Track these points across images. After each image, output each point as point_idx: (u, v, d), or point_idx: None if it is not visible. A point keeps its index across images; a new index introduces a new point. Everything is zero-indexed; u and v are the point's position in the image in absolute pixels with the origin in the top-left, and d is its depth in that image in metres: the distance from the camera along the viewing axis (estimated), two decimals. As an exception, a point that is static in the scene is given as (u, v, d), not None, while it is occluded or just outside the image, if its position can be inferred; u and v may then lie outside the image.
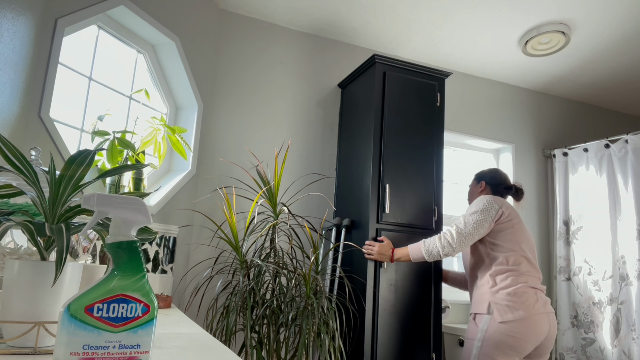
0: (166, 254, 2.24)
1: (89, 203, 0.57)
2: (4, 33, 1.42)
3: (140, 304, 0.55)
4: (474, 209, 2.03)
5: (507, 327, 1.84)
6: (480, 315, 1.93)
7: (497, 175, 2.31)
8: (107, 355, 0.53)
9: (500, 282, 1.95)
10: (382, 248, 2.15)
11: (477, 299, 1.99)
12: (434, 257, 2.02)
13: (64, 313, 0.52)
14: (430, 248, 2.01)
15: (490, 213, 2.02)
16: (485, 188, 2.29)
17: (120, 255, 0.57)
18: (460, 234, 1.97)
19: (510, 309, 1.87)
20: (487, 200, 2.06)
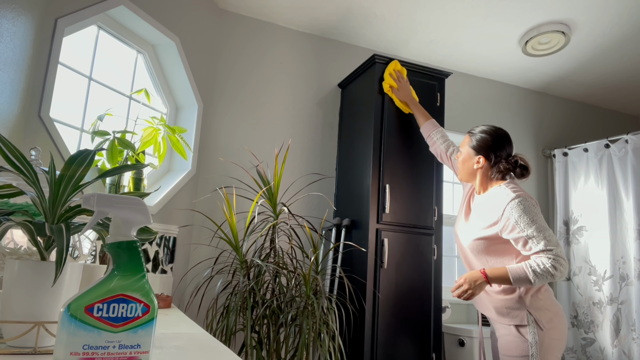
0: (166, 254, 2.24)
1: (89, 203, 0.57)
2: (4, 33, 1.42)
3: (140, 304, 0.55)
4: (532, 215, 1.54)
5: (554, 332, 1.58)
6: (525, 327, 1.59)
7: (503, 143, 1.71)
8: (107, 355, 0.53)
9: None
10: (471, 277, 1.61)
11: (510, 308, 1.61)
12: (540, 282, 1.53)
13: (64, 313, 0.52)
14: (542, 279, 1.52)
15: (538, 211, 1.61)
16: (483, 167, 1.72)
17: (120, 255, 0.57)
18: (556, 259, 1.51)
19: (549, 311, 1.60)
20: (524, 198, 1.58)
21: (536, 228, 1.53)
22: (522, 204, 1.55)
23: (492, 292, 1.68)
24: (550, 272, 1.50)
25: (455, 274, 3.28)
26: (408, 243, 2.43)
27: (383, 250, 2.36)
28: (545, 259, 1.51)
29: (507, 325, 1.63)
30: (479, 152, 1.72)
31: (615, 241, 2.99)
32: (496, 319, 1.68)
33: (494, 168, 1.70)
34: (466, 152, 1.76)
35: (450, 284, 3.24)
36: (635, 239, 2.85)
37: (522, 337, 1.58)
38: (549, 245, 1.51)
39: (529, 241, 1.53)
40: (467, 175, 1.78)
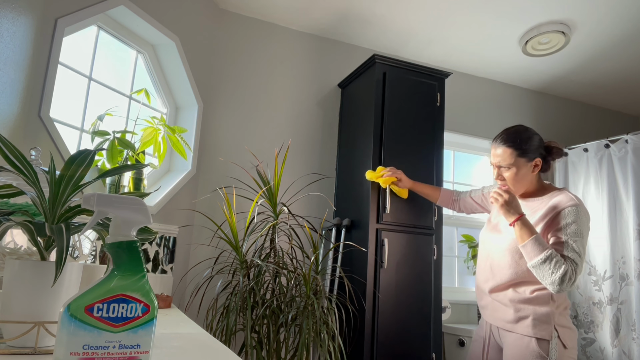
0: (166, 254, 2.24)
1: (89, 203, 0.57)
2: (4, 33, 1.42)
3: (140, 304, 0.55)
4: (582, 230, 1.46)
5: (572, 352, 1.49)
6: (546, 342, 1.46)
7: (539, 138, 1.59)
8: (107, 355, 0.53)
9: (558, 297, 1.53)
10: (514, 201, 1.49)
11: (535, 318, 1.49)
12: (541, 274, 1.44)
13: (64, 313, 0.52)
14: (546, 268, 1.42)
15: (589, 227, 1.52)
16: (540, 166, 1.58)
17: (120, 255, 0.57)
18: (573, 272, 1.42)
19: (572, 331, 1.52)
20: (586, 212, 1.51)
21: (579, 242, 1.44)
22: (581, 213, 1.47)
23: (521, 300, 1.53)
24: (559, 272, 1.39)
25: (455, 274, 3.28)
26: (408, 243, 2.43)
27: (383, 250, 2.36)
28: (569, 263, 1.41)
29: (526, 337, 1.49)
30: (533, 155, 1.55)
31: (615, 241, 2.99)
32: (511, 328, 1.54)
33: (545, 164, 1.58)
34: (519, 165, 1.55)
35: (450, 284, 3.24)
36: (635, 239, 2.85)
37: (539, 352, 1.46)
38: (578, 261, 1.43)
39: (564, 245, 1.44)
40: (523, 187, 1.59)
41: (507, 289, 1.56)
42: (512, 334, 1.54)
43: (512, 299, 1.54)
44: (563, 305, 1.53)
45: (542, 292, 1.50)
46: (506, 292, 1.56)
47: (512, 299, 1.54)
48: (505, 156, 1.55)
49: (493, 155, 1.59)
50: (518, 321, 1.52)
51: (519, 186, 1.57)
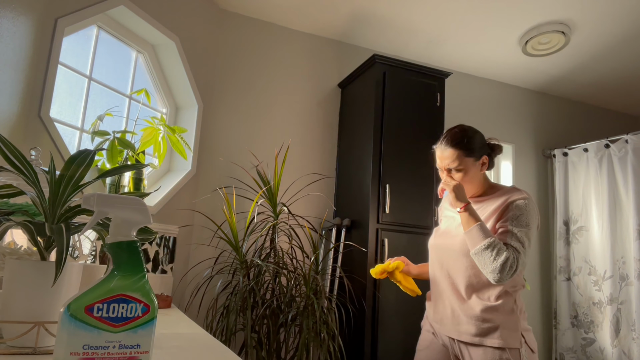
0: (166, 254, 2.24)
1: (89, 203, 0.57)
2: (4, 33, 1.42)
3: (140, 304, 0.55)
4: (529, 222, 1.44)
5: (536, 355, 1.46)
6: (516, 351, 1.40)
7: (482, 135, 1.60)
8: (107, 355, 0.53)
9: (519, 302, 1.49)
10: (462, 188, 1.49)
11: (505, 328, 1.42)
12: (482, 262, 1.39)
13: (64, 313, 0.52)
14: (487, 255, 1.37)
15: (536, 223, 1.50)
16: (487, 164, 1.58)
17: (120, 255, 0.57)
18: (515, 260, 1.37)
19: (531, 332, 1.48)
20: (534, 207, 1.48)
21: (524, 232, 1.41)
22: (530, 207, 1.45)
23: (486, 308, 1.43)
24: (500, 260, 1.35)
25: (455, 274, 3.28)
26: (408, 243, 2.43)
27: (383, 250, 2.36)
28: (512, 252, 1.37)
29: (497, 349, 1.40)
30: (480, 154, 1.55)
31: (615, 241, 2.99)
32: (480, 342, 1.42)
33: (490, 161, 1.58)
34: (467, 165, 1.53)
35: (450, 284, 3.24)
36: (635, 239, 2.85)
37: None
38: (521, 250, 1.39)
39: (509, 234, 1.41)
40: (474, 188, 1.57)
41: (470, 296, 1.46)
42: (479, 347, 1.42)
43: (477, 309, 1.44)
44: (523, 309, 1.49)
45: (506, 299, 1.44)
46: (470, 301, 1.46)
47: (477, 308, 1.44)
48: (453, 157, 1.52)
49: (440, 159, 1.56)
50: (487, 334, 1.42)
51: (470, 187, 1.55)
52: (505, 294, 1.44)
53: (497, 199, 1.51)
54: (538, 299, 3.33)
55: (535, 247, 3.40)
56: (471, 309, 1.45)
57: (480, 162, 1.54)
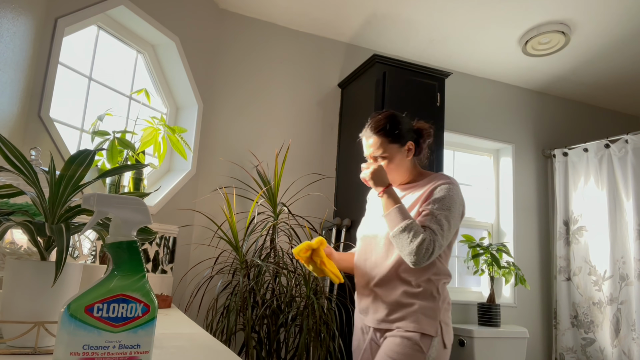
0: (166, 254, 2.24)
1: (89, 203, 0.57)
2: (4, 33, 1.42)
3: (140, 304, 0.55)
4: (451, 205, 1.42)
5: (448, 353, 1.41)
6: (428, 338, 1.36)
7: (408, 121, 1.56)
8: (107, 355, 0.53)
9: (443, 291, 1.45)
10: (382, 171, 1.45)
11: (421, 313, 1.38)
12: (400, 245, 1.36)
13: (64, 313, 0.52)
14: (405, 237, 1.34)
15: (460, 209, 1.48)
16: (413, 150, 1.53)
17: (120, 255, 0.57)
18: (431, 243, 1.35)
19: (451, 329, 1.44)
20: (459, 193, 1.47)
21: (443, 215, 1.38)
22: (454, 191, 1.43)
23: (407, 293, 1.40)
24: (417, 242, 1.32)
25: (455, 274, 3.28)
26: (408, 243, 2.43)
27: (383, 250, 2.36)
28: (429, 233, 1.34)
29: (409, 332, 1.36)
30: (405, 140, 1.50)
31: (615, 241, 2.99)
32: (396, 326, 1.39)
33: (418, 147, 1.54)
34: (392, 152, 1.49)
35: (450, 284, 3.23)
36: (635, 239, 2.85)
37: (419, 348, 1.34)
38: (439, 233, 1.36)
39: (429, 216, 1.38)
40: (402, 175, 1.53)
41: (392, 283, 1.42)
42: (394, 331, 1.40)
43: (397, 294, 1.41)
44: (447, 300, 1.45)
45: (427, 286, 1.41)
46: (391, 287, 1.42)
47: (397, 293, 1.41)
48: (377, 145, 1.49)
49: (366, 147, 1.52)
50: (403, 318, 1.39)
51: (396, 174, 1.51)
52: (427, 281, 1.41)
53: (424, 185, 1.48)
54: (538, 299, 3.33)
55: (535, 247, 3.40)
56: (391, 295, 1.42)
57: (405, 148, 1.50)
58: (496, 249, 2.97)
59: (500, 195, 3.46)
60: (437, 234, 1.35)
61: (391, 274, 1.43)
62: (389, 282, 1.43)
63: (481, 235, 3.38)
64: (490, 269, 2.98)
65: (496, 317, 2.90)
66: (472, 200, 3.45)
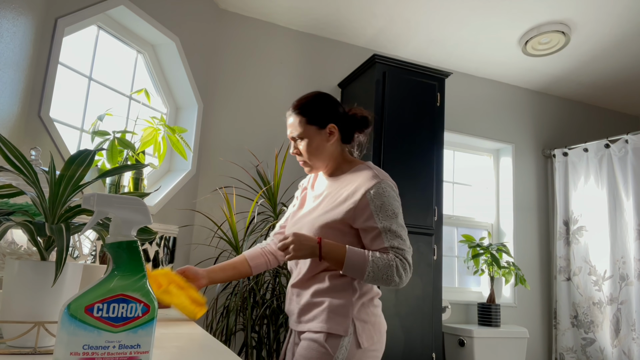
0: (166, 254, 2.24)
1: (89, 203, 0.57)
2: (4, 33, 1.42)
3: (140, 304, 0.55)
4: (394, 208, 1.29)
5: (370, 354, 1.27)
6: (337, 338, 1.22)
7: (333, 99, 1.44)
8: (107, 355, 0.53)
9: (362, 287, 1.31)
10: (302, 236, 1.23)
11: (330, 312, 1.25)
12: (380, 284, 1.24)
13: (64, 313, 0.52)
14: (379, 275, 1.21)
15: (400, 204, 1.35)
16: (336, 134, 1.38)
17: (120, 255, 0.57)
18: (404, 263, 1.24)
19: (375, 329, 1.29)
20: (391, 186, 1.33)
21: (396, 223, 1.26)
22: (387, 189, 1.29)
23: (318, 291, 1.29)
24: (392, 273, 1.20)
25: (455, 274, 3.28)
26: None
27: (383, 250, 2.36)
28: (392, 257, 1.22)
29: (317, 332, 1.24)
30: (326, 122, 1.37)
31: (615, 241, 2.99)
32: (307, 327, 1.27)
33: (345, 133, 1.40)
34: (310, 133, 1.36)
35: (450, 284, 3.24)
36: (635, 239, 2.85)
37: (324, 350, 1.21)
38: (402, 245, 1.24)
39: (382, 235, 1.24)
40: (322, 160, 1.38)
41: (309, 282, 1.31)
42: (305, 334, 1.28)
43: (310, 293, 1.30)
44: (368, 295, 1.31)
45: (341, 280, 1.27)
46: (308, 287, 1.31)
47: (310, 292, 1.30)
48: (296, 125, 1.38)
49: (287, 127, 1.42)
50: (313, 318, 1.27)
51: (315, 159, 1.36)
52: (341, 275, 1.28)
53: (350, 182, 1.33)
54: (538, 299, 3.33)
55: (535, 247, 3.40)
56: (306, 294, 1.30)
57: (326, 131, 1.36)
58: (496, 249, 2.97)
59: (500, 195, 3.46)
60: (402, 247, 1.25)
61: (310, 273, 1.31)
62: (307, 282, 1.32)
63: (481, 235, 3.38)
64: (490, 269, 2.98)
65: (496, 317, 2.90)
66: (472, 200, 3.45)
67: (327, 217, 1.28)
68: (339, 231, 1.27)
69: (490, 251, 2.95)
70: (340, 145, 1.40)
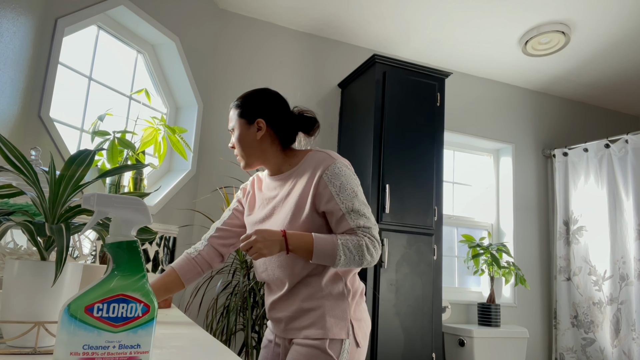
0: (166, 254, 2.24)
1: (89, 203, 0.57)
2: (4, 33, 1.42)
3: (140, 304, 0.55)
4: (354, 186, 1.25)
5: (362, 351, 1.26)
6: (338, 342, 1.21)
7: (272, 96, 1.39)
8: (107, 355, 0.53)
9: (353, 283, 1.29)
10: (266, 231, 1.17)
11: (330, 316, 1.22)
12: (352, 267, 1.21)
13: (64, 313, 0.52)
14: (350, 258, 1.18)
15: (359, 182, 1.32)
16: (267, 132, 1.33)
17: (120, 255, 0.57)
18: (372, 240, 1.22)
19: (366, 324, 1.29)
20: (345, 165, 1.29)
21: (357, 202, 1.23)
22: (342, 168, 1.26)
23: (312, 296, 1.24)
24: (363, 253, 1.18)
25: (455, 274, 3.28)
26: (408, 243, 2.43)
27: (383, 250, 2.36)
28: (361, 236, 1.20)
29: (317, 340, 1.20)
30: (255, 116, 1.32)
31: (615, 241, 2.99)
32: (304, 335, 1.22)
33: (280, 130, 1.34)
34: (238, 126, 1.32)
35: (450, 284, 3.24)
36: (635, 239, 2.85)
37: (328, 356, 1.18)
38: (367, 223, 1.22)
39: (346, 215, 1.21)
40: (253, 156, 1.33)
41: (294, 286, 1.27)
42: (301, 340, 1.23)
43: (301, 299, 1.25)
44: (359, 292, 1.30)
45: (334, 283, 1.25)
46: (294, 292, 1.27)
47: (301, 298, 1.25)
48: (231, 117, 1.36)
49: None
50: (311, 325, 1.23)
51: (245, 153, 1.32)
52: (333, 277, 1.25)
53: (304, 171, 1.29)
54: (538, 299, 3.33)
55: (535, 247, 3.40)
56: (295, 300, 1.26)
57: (254, 126, 1.31)
58: (496, 249, 2.97)
59: (500, 195, 3.46)
60: (368, 225, 1.22)
61: (290, 277, 1.26)
62: (290, 286, 1.27)
63: (481, 235, 3.38)
64: (490, 269, 2.98)
65: (496, 317, 2.90)
66: (472, 200, 3.46)
67: (296, 212, 1.25)
68: (309, 222, 1.24)
69: (490, 251, 2.95)
70: (278, 144, 1.34)
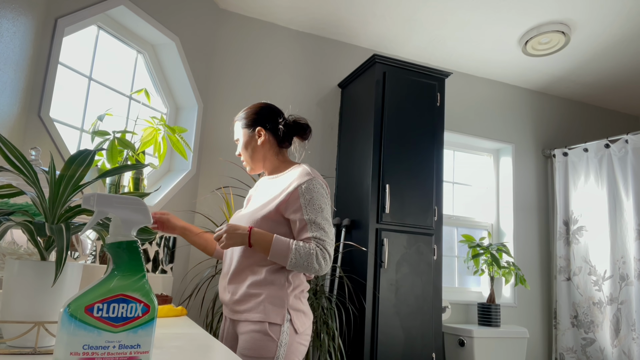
0: (166, 254, 2.24)
1: (89, 203, 0.57)
2: (4, 33, 1.42)
3: (140, 304, 0.55)
4: (322, 203, 1.43)
5: (304, 338, 1.45)
6: (277, 326, 1.39)
7: (269, 108, 1.59)
8: (107, 355, 0.53)
9: (294, 279, 1.46)
10: (234, 225, 1.41)
11: (269, 302, 1.40)
12: (301, 270, 1.40)
13: (64, 313, 0.52)
14: (300, 262, 1.37)
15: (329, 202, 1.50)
16: (266, 138, 1.55)
17: (120, 255, 0.57)
18: (323, 251, 1.40)
19: (306, 316, 1.47)
20: (321, 184, 1.47)
21: (321, 217, 1.41)
22: (316, 186, 1.43)
23: (255, 283, 1.42)
24: (312, 260, 1.36)
25: (455, 274, 3.28)
26: (408, 243, 2.43)
27: (383, 250, 2.36)
28: (314, 246, 1.38)
29: (259, 322, 1.39)
30: (254, 125, 1.55)
31: (615, 241, 2.99)
32: (247, 317, 1.41)
33: (277, 137, 1.55)
34: (243, 136, 1.56)
35: (450, 284, 3.24)
36: (635, 239, 2.85)
37: (269, 337, 1.38)
38: (324, 236, 1.40)
39: (308, 225, 1.40)
40: (257, 162, 1.57)
41: (243, 274, 1.45)
42: (246, 322, 1.42)
43: (247, 285, 1.43)
44: (300, 288, 1.47)
45: (277, 274, 1.42)
46: (242, 279, 1.45)
47: (247, 284, 1.43)
48: (236, 129, 1.60)
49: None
50: (252, 309, 1.41)
51: (250, 158, 1.56)
52: (277, 270, 1.43)
53: (286, 179, 1.49)
54: (538, 299, 3.33)
55: (535, 247, 3.40)
56: (242, 286, 1.44)
57: (255, 134, 1.54)
58: (496, 249, 2.98)
59: (500, 195, 3.46)
60: (323, 238, 1.39)
61: (243, 265, 1.45)
62: (241, 274, 1.46)
63: (481, 235, 3.38)
64: (490, 269, 2.98)
65: (496, 317, 2.90)
66: (472, 200, 3.46)
67: (264, 210, 1.45)
68: (273, 222, 1.44)
69: (490, 251, 2.95)
70: (276, 148, 1.57)
